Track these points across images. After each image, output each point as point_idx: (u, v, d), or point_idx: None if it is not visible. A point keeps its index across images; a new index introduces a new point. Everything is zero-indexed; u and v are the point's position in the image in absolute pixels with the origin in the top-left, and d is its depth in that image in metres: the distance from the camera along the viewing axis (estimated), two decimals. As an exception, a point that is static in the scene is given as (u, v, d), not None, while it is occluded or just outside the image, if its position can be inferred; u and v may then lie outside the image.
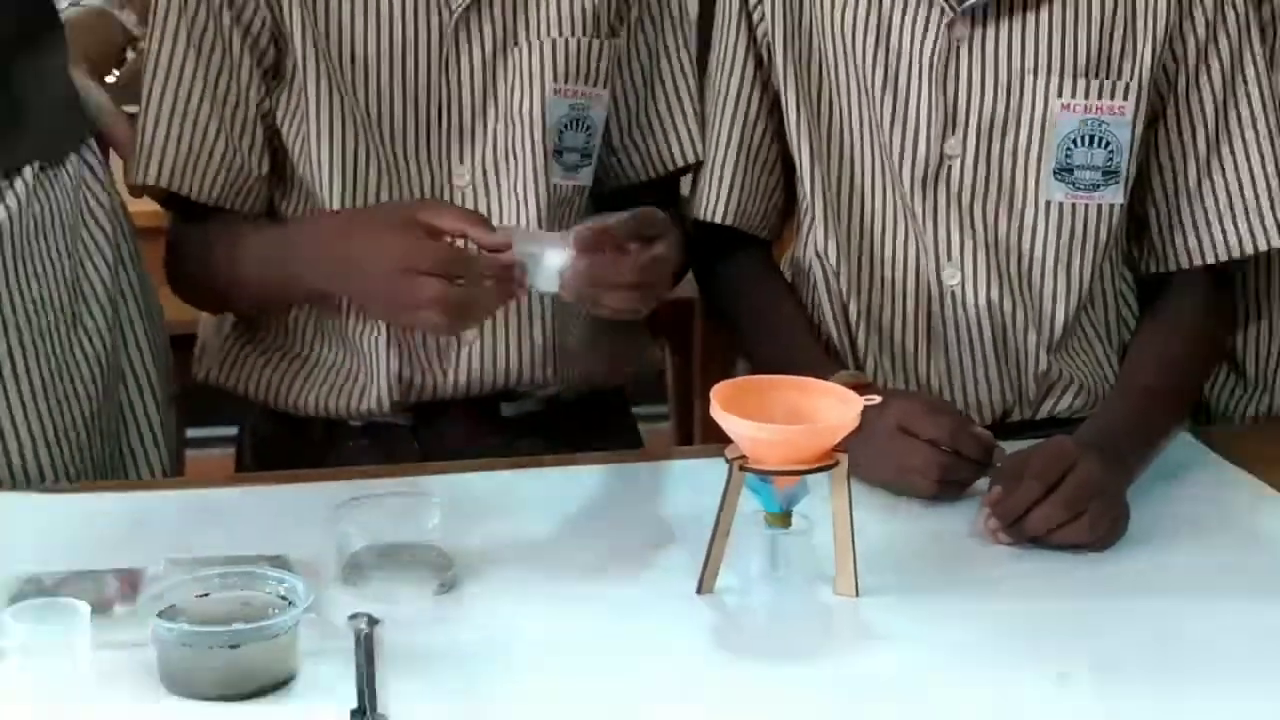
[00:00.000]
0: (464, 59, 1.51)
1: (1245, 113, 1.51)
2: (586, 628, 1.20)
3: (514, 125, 1.50)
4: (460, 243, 1.39)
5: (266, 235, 1.53)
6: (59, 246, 1.47)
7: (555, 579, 1.27)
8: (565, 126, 1.52)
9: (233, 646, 1.08)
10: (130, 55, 1.66)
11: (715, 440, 1.26)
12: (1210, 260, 1.52)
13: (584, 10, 1.52)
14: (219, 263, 1.54)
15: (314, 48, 1.48)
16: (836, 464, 1.19)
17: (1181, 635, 1.20)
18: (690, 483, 1.39)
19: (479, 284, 1.35)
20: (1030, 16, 1.46)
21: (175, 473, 1.60)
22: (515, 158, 1.52)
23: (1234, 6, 1.49)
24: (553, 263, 1.33)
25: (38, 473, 1.45)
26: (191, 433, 1.65)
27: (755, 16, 1.54)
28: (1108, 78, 1.47)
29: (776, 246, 1.64)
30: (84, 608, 1.07)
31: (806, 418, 1.20)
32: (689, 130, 1.58)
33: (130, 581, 1.20)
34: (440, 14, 1.48)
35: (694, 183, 1.57)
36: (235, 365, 1.60)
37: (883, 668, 1.16)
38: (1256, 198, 1.51)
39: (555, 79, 1.51)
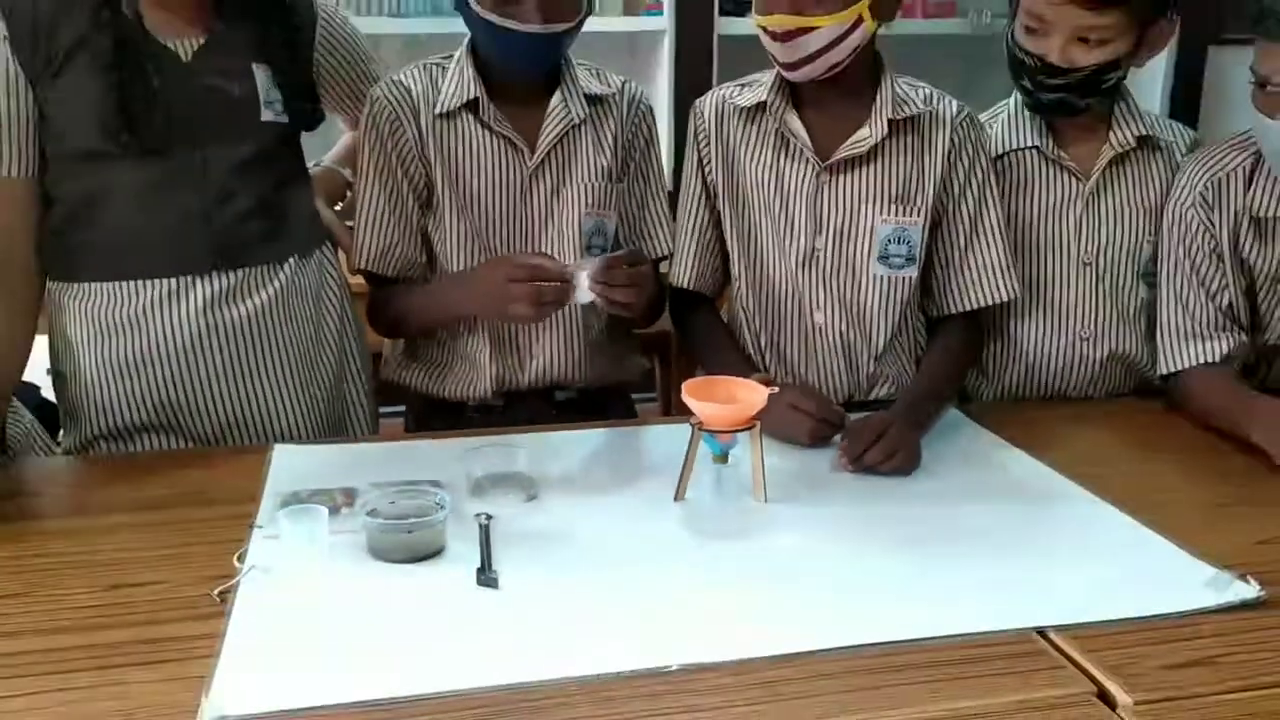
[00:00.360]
0: (535, 195, 1.55)
1: (985, 223, 1.56)
2: (612, 518, 1.23)
3: (563, 233, 1.56)
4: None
5: (426, 288, 1.59)
6: (309, 303, 1.52)
7: (592, 493, 1.30)
8: (592, 232, 1.57)
9: (408, 532, 1.13)
10: (348, 194, 1.71)
11: (683, 414, 1.30)
12: (967, 308, 1.57)
13: (603, 168, 1.57)
14: (400, 308, 1.60)
15: (449, 189, 1.54)
16: (754, 426, 1.26)
17: (951, 520, 1.24)
18: (669, 438, 1.40)
19: (550, 289, 1.38)
20: (864, 168, 1.51)
21: (374, 431, 1.64)
22: (564, 250, 1.55)
23: (979, 163, 1.55)
24: (584, 281, 1.37)
25: (297, 433, 1.51)
26: (382, 409, 1.67)
27: (705, 170, 1.59)
28: (908, 203, 1.52)
29: (718, 302, 1.67)
30: (323, 510, 1.11)
31: (737, 400, 1.26)
32: (664, 236, 1.62)
33: (348, 495, 1.25)
34: (521, 169, 1.54)
35: (671, 263, 1.61)
36: (402, 370, 1.65)
37: (782, 542, 1.20)
38: (992, 271, 1.55)
39: (587, 206, 1.56)
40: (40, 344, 1.44)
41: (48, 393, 1.54)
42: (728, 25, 2.63)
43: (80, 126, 1.32)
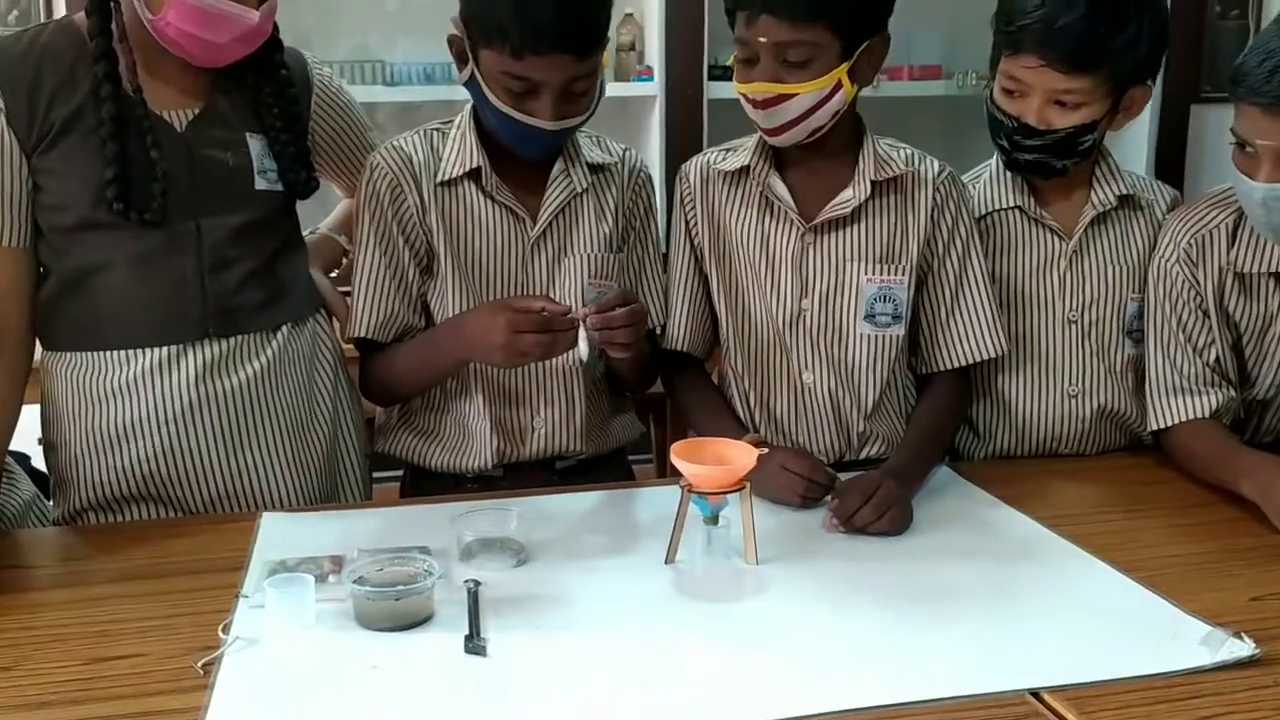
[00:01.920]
0: (537, 264, 1.53)
1: (970, 279, 1.56)
2: (602, 582, 1.22)
3: (565, 301, 1.49)
4: None
5: (422, 338, 1.53)
6: (301, 372, 1.51)
7: (584, 556, 1.29)
8: (594, 301, 1.52)
9: (396, 599, 1.11)
10: (344, 261, 1.70)
11: (676, 475, 1.29)
12: (955, 364, 1.57)
13: (604, 237, 1.55)
14: (396, 365, 1.54)
15: (451, 257, 1.51)
16: (744, 487, 1.25)
17: (943, 579, 1.23)
18: (661, 500, 1.39)
19: (558, 333, 1.36)
20: (848, 229, 1.51)
21: (367, 498, 1.62)
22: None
23: (962, 221, 1.56)
24: (583, 334, 1.35)
25: (288, 501, 1.48)
26: (376, 474, 1.66)
27: (692, 233, 1.59)
28: (892, 262, 1.52)
29: (709, 364, 1.66)
30: (309, 579, 1.11)
31: (727, 462, 1.25)
32: (658, 308, 1.59)
33: (337, 562, 1.23)
34: (523, 238, 1.52)
35: (663, 329, 1.59)
36: (398, 440, 1.61)
37: (772, 604, 1.19)
38: (979, 327, 1.55)
39: (590, 275, 1.54)
40: (31, 413, 1.42)
41: (38, 462, 1.52)
42: (717, 90, 2.64)
43: (75, 198, 1.32)
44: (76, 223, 1.33)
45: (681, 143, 2.60)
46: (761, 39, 1.37)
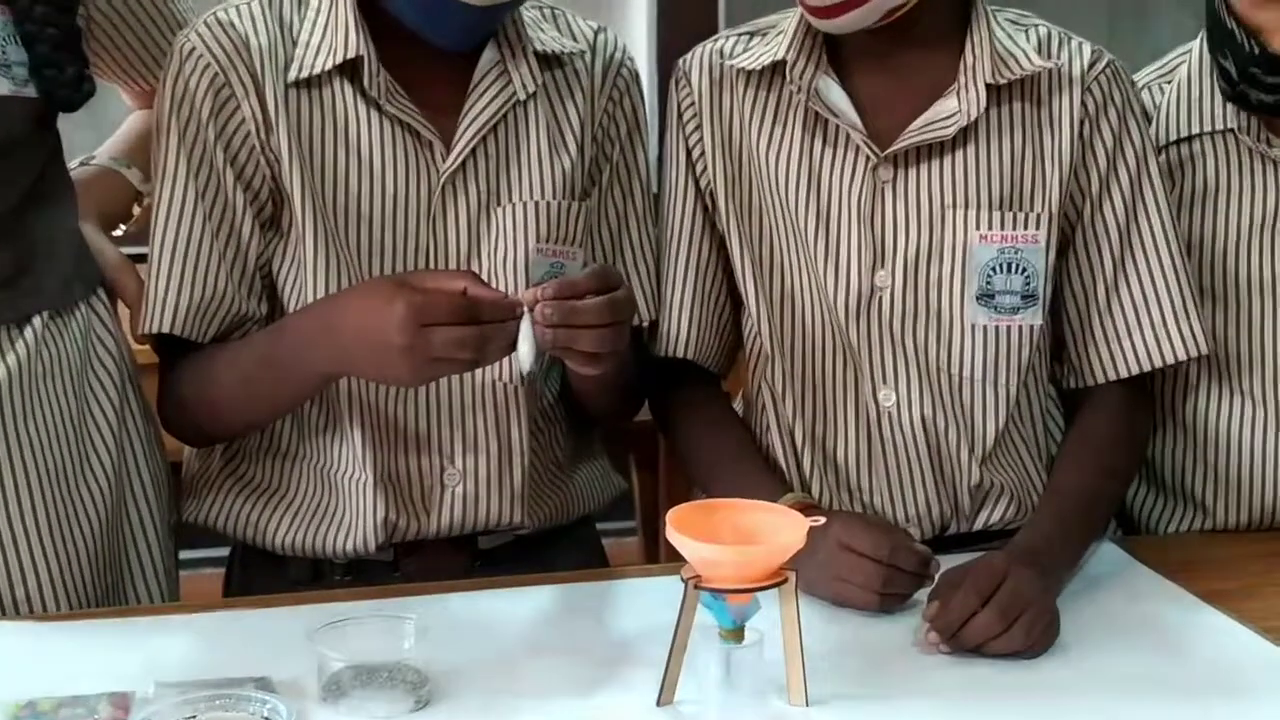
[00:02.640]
0: (450, 217, 1.47)
1: (1147, 235, 1.50)
2: None
3: (497, 280, 1.44)
4: None
5: (262, 336, 1.46)
6: (67, 391, 1.43)
7: (523, 695, 1.24)
8: (544, 279, 1.41)
9: None
10: (137, 210, 1.61)
11: (674, 558, 1.23)
12: (1122, 373, 1.50)
13: (562, 174, 1.49)
14: (219, 377, 1.47)
15: (310, 203, 1.43)
16: (785, 581, 1.17)
17: None
18: (651, 598, 1.35)
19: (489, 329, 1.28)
20: (948, 158, 1.46)
21: (172, 596, 1.54)
22: None
23: (1131, 141, 1.49)
24: (526, 331, 1.28)
25: (40, 603, 1.41)
26: (185, 554, 1.60)
27: (699, 168, 1.52)
28: (1021, 210, 1.46)
29: (727, 383, 1.63)
30: None
31: (756, 537, 1.18)
32: (645, 293, 1.54)
33: (122, 705, 1.18)
34: (429, 175, 1.45)
35: (654, 324, 1.54)
36: (218, 504, 1.53)
37: None
38: (1161, 313, 1.50)
39: (537, 239, 1.47)
40: None
41: None
42: None
43: None
44: None
45: (683, 24, 2.59)
46: None
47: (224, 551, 1.61)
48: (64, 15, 1.39)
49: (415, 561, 1.50)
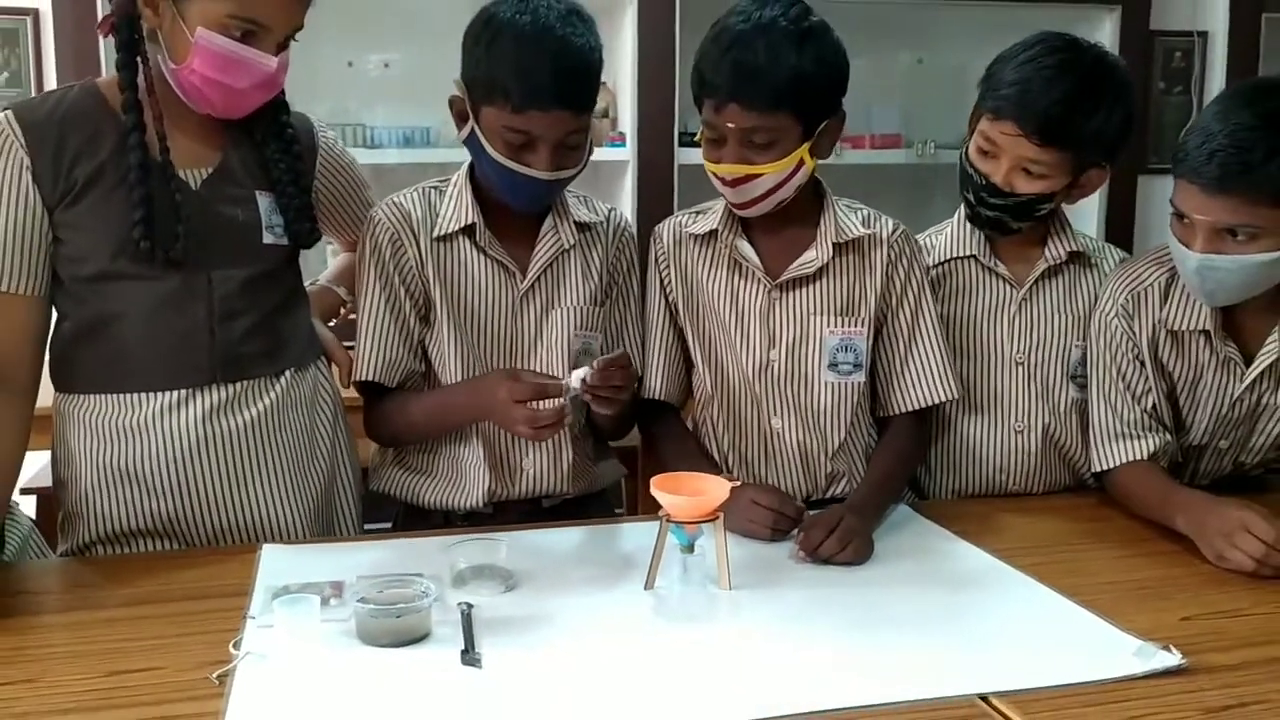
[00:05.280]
0: (525, 315, 1.60)
1: (922, 329, 1.64)
2: (586, 606, 1.28)
3: (552, 350, 1.60)
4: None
5: (435, 395, 1.60)
6: (303, 415, 1.57)
7: (569, 583, 1.35)
8: (580, 352, 1.61)
9: (397, 616, 1.18)
10: (342, 311, 1.76)
11: (653, 510, 1.36)
12: (911, 407, 1.64)
13: (589, 291, 1.62)
14: (409, 414, 1.61)
15: (446, 307, 1.58)
16: (718, 518, 1.30)
17: (900, 601, 1.30)
18: (640, 534, 1.46)
19: (547, 414, 1.42)
20: (812, 286, 1.60)
21: (360, 533, 1.66)
22: (553, 366, 1.59)
23: (914, 275, 1.64)
24: (576, 382, 1.41)
25: (291, 534, 1.54)
26: (367, 525, 1.69)
27: (667, 289, 1.67)
28: (852, 315, 1.61)
29: (683, 412, 1.74)
30: (315, 599, 1.16)
31: (702, 493, 1.30)
32: (636, 361, 1.63)
33: (337, 588, 1.29)
34: (512, 291, 1.59)
35: (641, 379, 1.65)
36: (392, 478, 1.68)
37: (744, 624, 1.26)
38: (931, 374, 1.63)
39: (575, 328, 1.61)
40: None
41: (25, 508, 1.57)
42: (687, 155, 2.74)
43: (96, 250, 1.39)
44: (96, 273, 1.41)
45: (653, 206, 2.73)
46: (729, 124, 1.46)
47: (388, 525, 1.74)
48: (304, 195, 1.56)
49: (506, 513, 1.64)
